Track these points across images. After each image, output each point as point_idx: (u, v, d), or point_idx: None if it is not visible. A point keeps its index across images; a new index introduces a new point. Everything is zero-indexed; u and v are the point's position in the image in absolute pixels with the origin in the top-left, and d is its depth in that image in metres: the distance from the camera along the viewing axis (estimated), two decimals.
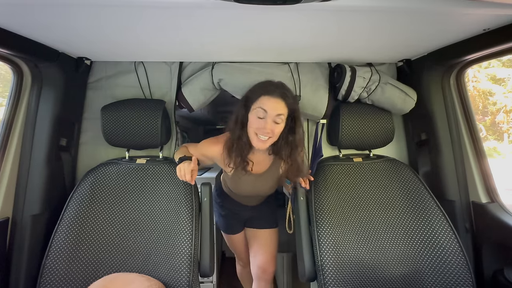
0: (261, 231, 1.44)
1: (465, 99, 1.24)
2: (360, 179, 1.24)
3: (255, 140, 1.04)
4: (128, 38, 1.00)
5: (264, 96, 1.02)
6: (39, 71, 1.11)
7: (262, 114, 1.01)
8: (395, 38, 1.02)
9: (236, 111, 1.10)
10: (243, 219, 1.46)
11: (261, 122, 1.01)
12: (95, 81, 1.33)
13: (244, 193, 1.29)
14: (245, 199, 1.39)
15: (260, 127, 1.01)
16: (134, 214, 1.15)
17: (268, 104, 1.00)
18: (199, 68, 1.33)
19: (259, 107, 1.01)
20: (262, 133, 1.01)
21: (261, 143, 1.03)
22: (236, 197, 1.38)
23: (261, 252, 1.41)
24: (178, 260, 1.04)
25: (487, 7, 0.75)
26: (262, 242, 1.42)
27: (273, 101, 1.01)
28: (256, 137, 1.03)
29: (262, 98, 1.02)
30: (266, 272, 1.40)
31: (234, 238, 1.49)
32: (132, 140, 1.22)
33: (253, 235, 1.45)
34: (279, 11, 0.76)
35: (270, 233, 1.45)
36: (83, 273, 1.05)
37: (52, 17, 0.81)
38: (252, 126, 1.03)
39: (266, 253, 1.41)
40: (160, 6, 0.74)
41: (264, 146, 1.04)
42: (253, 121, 1.03)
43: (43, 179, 1.12)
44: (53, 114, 1.14)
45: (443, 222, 1.10)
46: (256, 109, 1.01)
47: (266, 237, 1.43)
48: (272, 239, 1.45)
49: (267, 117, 1.00)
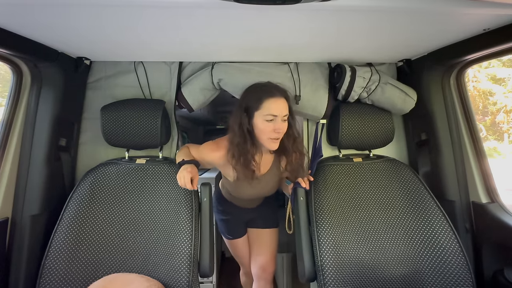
0: (263, 230, 1.46)
1: (465, 99, 1.24)
2: (360, 179, 1.24)
3: (269, 144, 1.07)
4: (129, 38, 0.99)
5: (268, 100, 1.03)
6: (39, 71, 1.11)
7: (272, 118, 1.03)
8: (395, 38, 1.02)
9: (236, 121, 1.09)
10: (245, 221, 1.47)
11: (271, 125, 1.03)
12: (94, 81, 1.33)
13: (246, 196, 1.29)
14: (246, 202, 1.40)
15: (272, 129, 1.03)
16: (133, 214, 1.15)
17: (275, 107, 1.03)
18: (199, 68, 1.33)
19: (269, 113, 1.02)
20: (276, 134, 1.04)
21: (275, 144, 1.07)
22: (237, 201, 1.39)
23: (262, 252, 1.43)
24: (178, 260, 1.04)
25: (487, 7, 0.74)
26: (263, 241, 1.45)
27: (279, 103, 1.04)
28: (270, 140, 1.06)
29: (267, 102, 1.03)
30: (266, 271, 1.42)
31: (239, 243, 1.48)
32: (131, 140, 1.22)
33: (255, 235, 1.47)
34: (279, 11, 0.76)
35: (271, 233, 1.47)
36: (82, 273, 1.04)
37: (52, 17, 0.81)
38: (264, 132, 1.05)
39: (267, 253, 1.43)
40: (160, 6, 0.74)
41: (277, 146, 1.08)
42: (264, 127, 1.04)
43: (42, 179, 1.12)
44: (53, 114, 1.14)
45: (443, 222, 1.10)
46: (266, 116, 1.03)
47: (267, 236, 1.45)
48: (273, 239, 1.47)
49: (276, 119, 1.03)
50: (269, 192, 1.30)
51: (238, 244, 1.48)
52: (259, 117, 1.05)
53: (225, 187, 1.38)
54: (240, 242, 1.48)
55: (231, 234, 1.47)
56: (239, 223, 1.46)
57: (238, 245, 1.49)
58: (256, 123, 1.06)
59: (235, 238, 1.47)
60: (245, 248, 1.50)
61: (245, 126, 1.07)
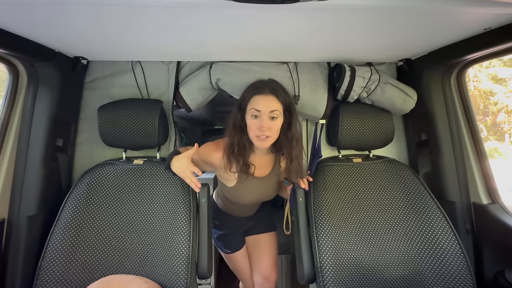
0: (260, 236, 1.43)
1: (465, 99, 1.23)
2: (359, 180, 1.23)
3: (256, 141, 1.04)
4: (127, 38, 0.99)
5: (255, 96, 1.03)
6: (35, 70, 1.10)
7: (256, 113, 1.01)
8: (395, 38, 1.01)
9: (232, 117, 1.10)
10: (242, 232, 1.43)
11: (257, 122, 1.01)
12: (91, 81, 1.32)
13: (247, 201, 1.25)
14: (244, 209, 1.35)
15: (257, 126, 1.01)
16: (131, 215, 1.14)
17: (260, 103, 1.01)
18: (197, 67, 1.32)
19: (252, 108, 1.01)
20: (261, 132, 1.00)
21: (262, 142, 1.03)
22: (235, 210, 1.35)
23: (262, 258, 1.39)
24: (176, 262, 1.03)
25: (488, 6, 0.74)
26: (262, 246, 1.41)
27: (265, 99, 1.02)
28: (256, 138, 1.03)
29: (254, 98, 1.03)
30: (268, 280, 1.38)
31: (238, 256, 1.40)
32: (129, 141, 1.21)
33: (253, 242, 1.43)
34: (278, 10, 0.75)
35: (269, 237, 1.44)
36: (79, 275, 1.03)
37: (49, 16, 0.80)
38: (251, 129, 1.03)
39: (267, 259, 1.39)
40: (159, 5, 0.73)
41: (265, 144, 1.04)
42: (251, 124, 1.03)
43: (39, 180, 1.11)
44: (49, 114, 1.13)
45: (444, 223, 1.09)
46: (250, 110, 1.02)
47: (266, 241, 1.42)
48: (272, 243, 1.43)
49: (261, 115, 1.01)
50: (269, 196, 1.27)
51: (237, 258, 1.41)
52: (248, 114, 1.04)
53: (222, 195, 1.32)
54: (239, 255, 1.41)
55: (229, 248, 1.39)
56: (236, 234, 1.41)
57: (237, 259, 1.41)
58: (246, 120, 1.05)
59: (234, 252, 1.39)
60: (244, 261, 1.43)
61: (237, 122, 1.07)
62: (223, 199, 1.34)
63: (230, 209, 1.35)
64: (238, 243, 1.41)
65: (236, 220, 1.39)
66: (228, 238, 1.40)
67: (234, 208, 1.33)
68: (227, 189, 1.23)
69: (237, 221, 1.39)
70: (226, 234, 1.39)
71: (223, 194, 1.31)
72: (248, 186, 1.16)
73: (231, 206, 1.33)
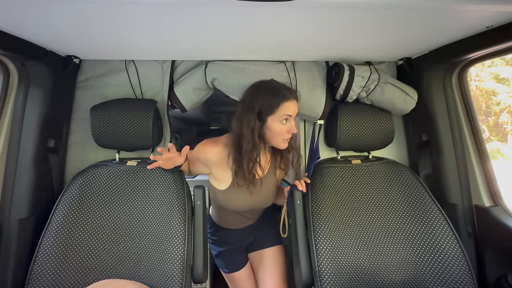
0: (265, 251, 1.31)
1: (467, 99, 1.21)
2: (358, 181, 1.21)
3: (283, 144, 1.08)
4: (118, 36, 0.97)
5: (285, 102, 1.03)
6: (26, 69, 1.08)
7: (287, 117, 1.05)
8: (395, 36, 0.99)
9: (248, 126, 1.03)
10: (244, 247, 1.34)
11: (286, 126, 1.05)
12: (84, 80, 1.30)
13: (243, 206, 1.17)
14: (242, 218, 1.27)
15: (287, 130, 1.05)
16: (124, 218, 1.12)
17: (290, 108, 1.04)
18: (192, 67, 1.30)
19: (284, 113, 1.03)
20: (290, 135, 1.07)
21: (286, 144, 1.09)
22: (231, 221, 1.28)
23: (267, 277, 1.26)
24: (170, 266, 1.01)
25: (490, 3, 0.72)
26: (266, 263, 1.29)
27: (293, 103, 1.06)
28: (284, 141, 1.08)
29: (284, 104, 1.03)
30: None
31: (241, 276, 1.30)
32: (122, 141, 1.19)
33: (258, 258, 1.32)
34: (275, 7, 0.74)
35: (275, 251, 1.32)
36: (72, 279, 1.01)
37: (39, 14, 0.78)
38: (280, 134, 1.05)
39: (274, 277, 1.25)
40: (151, 3, 0.71)
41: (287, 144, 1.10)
42: (280, 129, 1.04)
43: (30, 182, 1.09)
44: (41, 114, 1.11)
45: (445, 226, 1.08)
46: (282, 116, 1.03)
47: (270, 257, 1.30)
48: (278, 258, 1.31)
49: (290, 119, 1.06)
50: (267, 201, 1.21)
51: (236, 278, 1.30)
52: (274, 121, 1.04)
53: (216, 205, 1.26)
54: (241, 275, 1.30)
55: (228, 267, 1.30)
56: (236, 251, 1.31)
57: (236, 279, 1.30)
58: (270, 127, 1.04)
59: (233, 272, 1.30)
60: (247, 282, 1.31)
61: (257, 131, 1.04)
62: (217, 209, 1.28)
63: (226, 221, 1.29)
64: (239, 261, 1.31)
65: (235, 234, 1.30)
66: (230, 256, 1.31)
67: (229, 218, 1.27)
68: (219, 194, 1.16)
69: (235, 235, 1.30)
70: (225, 251, 1.31)
71: (216, 203, 1.25)
72: (241, 189, 1.12)
73: (226, 216, 1.27)
